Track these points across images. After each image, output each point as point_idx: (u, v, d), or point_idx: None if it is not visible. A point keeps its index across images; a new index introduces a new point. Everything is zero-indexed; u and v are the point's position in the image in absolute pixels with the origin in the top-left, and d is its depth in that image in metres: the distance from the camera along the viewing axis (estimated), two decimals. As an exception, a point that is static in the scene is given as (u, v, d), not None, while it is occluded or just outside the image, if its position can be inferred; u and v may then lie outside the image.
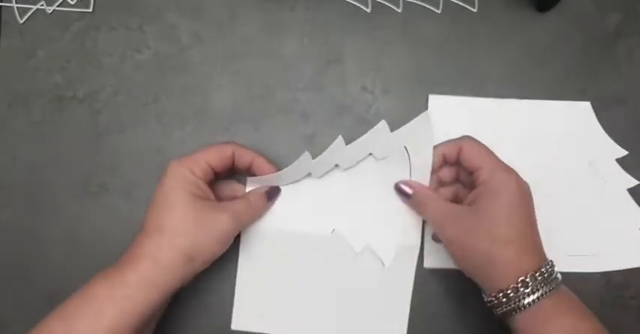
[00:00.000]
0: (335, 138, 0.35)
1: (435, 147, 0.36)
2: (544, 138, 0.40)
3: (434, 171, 0.36)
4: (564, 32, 0.42)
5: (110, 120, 0.41)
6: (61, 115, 0.41)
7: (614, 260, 0.39)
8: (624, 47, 0.42)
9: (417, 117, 0.35)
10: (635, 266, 0.39)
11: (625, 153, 0.40)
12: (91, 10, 0.42)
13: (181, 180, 0.33)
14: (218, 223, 0.32)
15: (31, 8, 0.41)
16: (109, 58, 0.41)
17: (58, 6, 0.42)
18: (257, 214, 0.37)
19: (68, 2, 0.42)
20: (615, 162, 0.40)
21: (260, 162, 0.36)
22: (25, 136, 0.40)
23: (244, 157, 0.35)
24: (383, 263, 0.38)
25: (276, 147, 0.40)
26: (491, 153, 0.35)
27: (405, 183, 0.37)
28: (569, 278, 0.39)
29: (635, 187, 0.40)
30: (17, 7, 0.41)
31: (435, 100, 0.41)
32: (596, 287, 0.39)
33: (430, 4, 0.42)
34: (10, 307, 0.39)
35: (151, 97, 0.41)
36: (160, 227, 0.32)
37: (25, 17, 0.41)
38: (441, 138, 0.36)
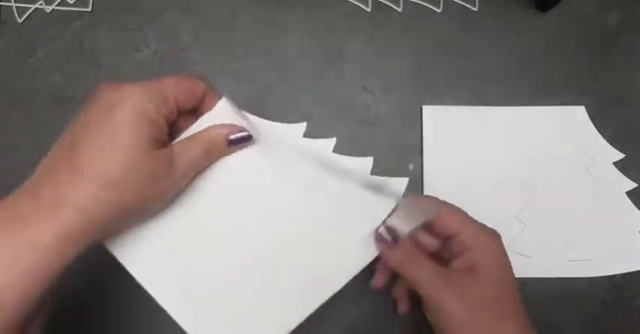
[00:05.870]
0: (334, 138, 0.34)
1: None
2: (539, 144, 0.40)
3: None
4: (564, 32, 0.42)
5: (110, 120, 0.41)
6: (61, 115, 0.41)
7: (615, 265, 0.39)
8: (624, 47, 0.42)
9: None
10: (637, 269, 0.39)
11: (622, 156, 0.40)
12: (90, 9, 0.42)
13: (140, 118, 0.25)
14: (171, 179, 0.26)
15: (29, 7, 0.41)
16: (108, 58, 0.41)
17: (56, 5, 0.41)
18: (209, 161, 0.28)
19: (67, 1, 0.42)
20: (612, 166, 0.40)
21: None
22: (25, 136, 0.40)
23: (212, 101, 0.28)
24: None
25: (276, 146, 0.40)
26: (467, 215, 0.31)
27: (391, 230, 0.29)
28: (570, 279, 0.39)
29: (633, 190, 0.40)
30: (16, 7, 0.41)
31: (428, 110, 0.41)
32: (598, 288, 0.39)
33: (430, 4, 0.42)
34: (9, 307, 0.39)
35: (150, 97, 0.41)
36: (102, 176, 0.24)
37: (24, 16, 0.41)
38: (436, 148, 0.35)
